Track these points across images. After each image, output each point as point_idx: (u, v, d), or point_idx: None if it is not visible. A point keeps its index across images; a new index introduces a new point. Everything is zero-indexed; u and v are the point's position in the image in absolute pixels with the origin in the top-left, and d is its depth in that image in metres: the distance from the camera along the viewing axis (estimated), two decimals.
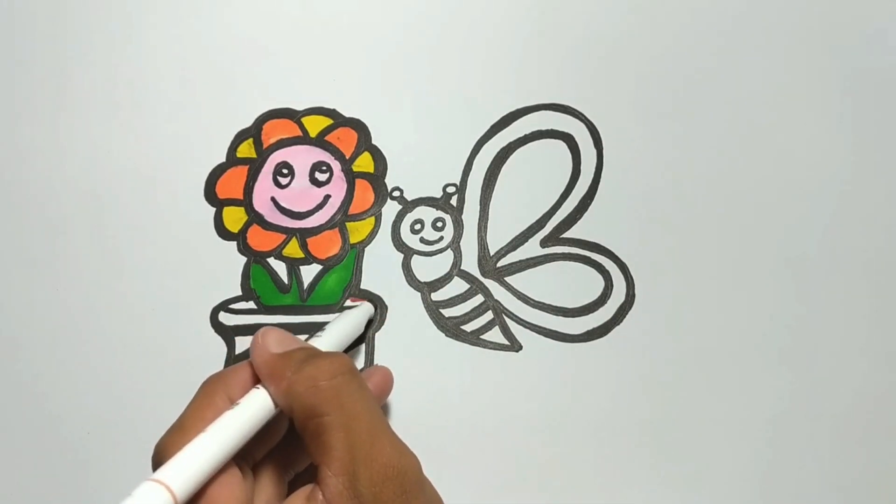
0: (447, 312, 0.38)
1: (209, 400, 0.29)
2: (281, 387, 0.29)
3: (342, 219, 0.40)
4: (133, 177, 0.41)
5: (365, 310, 0.37)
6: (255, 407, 0.29)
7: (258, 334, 0.30)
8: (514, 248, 0.39)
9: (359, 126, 0.41)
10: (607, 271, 0.38)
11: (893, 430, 0.35)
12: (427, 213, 0.39)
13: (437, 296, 0.38)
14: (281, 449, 0.32)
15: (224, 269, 0.39)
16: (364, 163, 0.41)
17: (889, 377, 0.36)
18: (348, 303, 0.38)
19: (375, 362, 0.37)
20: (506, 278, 0.38)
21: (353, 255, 0.39)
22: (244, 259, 0.39)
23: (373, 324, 0.38)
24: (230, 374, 0.30)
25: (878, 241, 0.38)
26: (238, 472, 0.28)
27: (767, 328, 0.37)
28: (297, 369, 0.29)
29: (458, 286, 0.38)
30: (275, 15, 0.44)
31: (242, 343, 0.38)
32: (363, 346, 0.37)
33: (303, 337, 0.32)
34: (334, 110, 0.42)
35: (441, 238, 0.39)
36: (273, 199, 0.40)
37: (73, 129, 0.42)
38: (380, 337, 0.38)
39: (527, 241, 0.39)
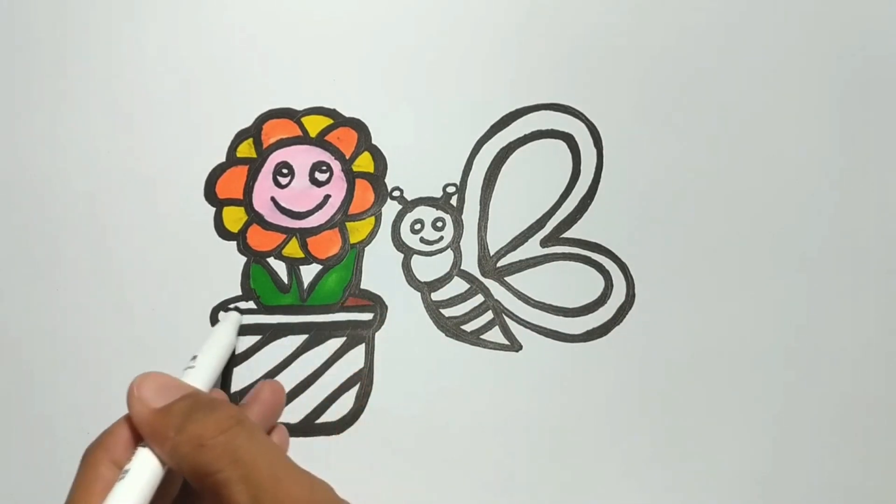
0: (447, 312, 0.38)
1: (94, 473, 0.27)
2: (165, 448, 0.27)
3: (342, 219, 0.40)
4: (133, 177, 0.41)
5: (231, 321, 0.36)
6: (145, 472, 0.27)
7: (133, 385, 0.28)
8: (514, 248, 0.39)
9: (359, 126, 0.41)
10: (607, 271, 0.38)
11: (893, 430, 0.35)
12: (427, 213, 0.39)
13: (437, 296, 0.38)
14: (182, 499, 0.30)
15: (224, 269, 0.39)
16: (364, 163, 0.41)
17: (890, 377, 0.36)
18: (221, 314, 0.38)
19: (375, 362, 0.37)
20: (506, 278, 0.38)
21: (353, 254, 0.39)
22: (244, 259, 0.39)
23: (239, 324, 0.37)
24: (109, 437, 0.28)
25: (878, 241, 0.38)
26: None
27: (767, 328, 0.37)
28: (180, 429, 0.27)
29: (458, 286, 0.38)
30: (275, 15, 0.44)
31: (242, 343, 0.38)
32: (363, 347, 0.37)
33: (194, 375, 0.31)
34: (334, 110, 0.42)
35: (441, 238, 0.39)
36: (273, 199, 0.40)
37: (73, 129, 0.42)
38: (380, 337, 0.38)
39: (527, 241, 0.39)
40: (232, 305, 0.38)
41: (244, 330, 0.38)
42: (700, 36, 0.42)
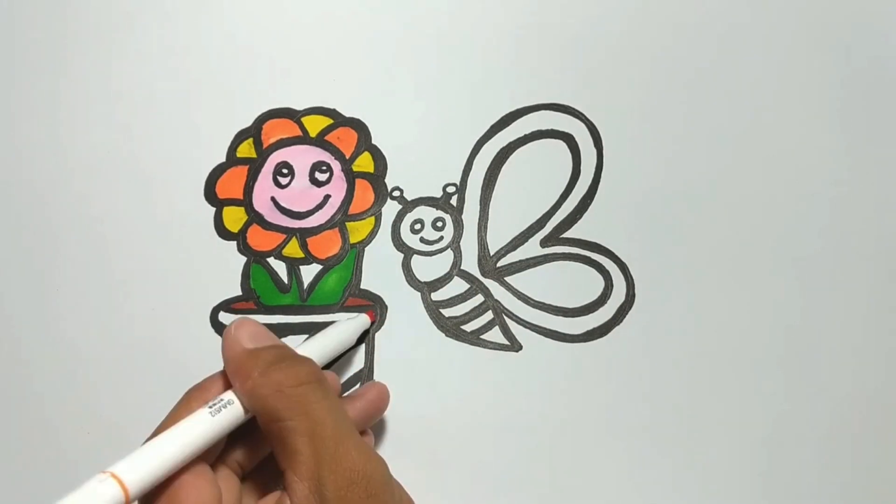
0: (447, 312, 0.38)
1: (186, 408, 0.29)
2: (246, 386, 0.28)
3: (342, 218, 0.40)
4: (133, 177, 0.41)
5: (360, 323, 0.37)
6: (224, 410, 0.29)
7: (231, 325, 0.30)
8: (514, 248, 0.39)
9: (359, 126, 0.41)
10: (607, 271, 0.38)
11: (893, 431, 0.35)
12: (427, 213, 0.39)
13: (437, 296, 0.38)
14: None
15: (224, 268, 0.39)
16: (364, 162, 0.41)
17: (889, 378, 0.36)
18: (345, 314, 0.38)
19: (375, 362, 0.37)
20: (506, 278, 0.38)
21: (353, 254, 0.39)
22: (244, 259, 0.39)
23: (367, 335, 0.37)
24: (209, 381, 0.30)
25: (879, 242, 0.38)
26: (208, 473, 0.28)
27: (768, 328, 0.37)
28: (264, 371, 0.28)
29: (458, 286, 0.38)
30: (275, 15, 0.44)
31: None
32: (363, 347, 0.37)
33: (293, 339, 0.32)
34: (334, 110, 0.42)
35: (441, 238, 0.39)
36: (273, 199, 0.40)
37: (73, 130, 0.42)
38: (380, 337, 0.38)
39: (527, 241, 0.39)
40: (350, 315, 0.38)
41: None
42: (700, 36, 0.42)
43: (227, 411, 0.29)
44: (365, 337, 0.37)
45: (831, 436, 0.35)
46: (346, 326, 0.36)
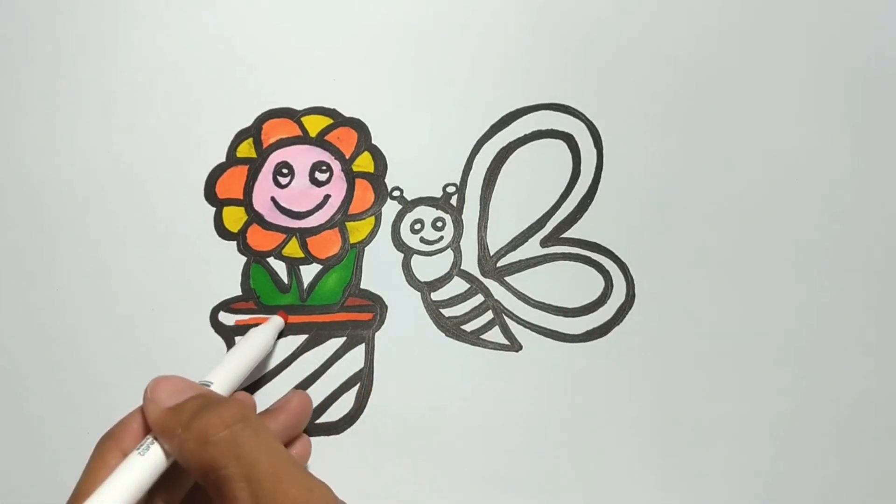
0: (447, 312, 0.38)
1: (102, 461, 0.29)
2: (173, 444, 0.28)
3: (342, 218, 0.40)
4: (133, 177, 0.41)
5: (274, 325, 0.36)
6: (148, 459, 0.28)
7: (148, 387, 0.29)
8: (514, 248, 0.39)
9: (359, 126, 0.41)
10: (607, 271, 0.38)
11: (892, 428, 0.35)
12: (427, 213, 0.39)
13: (437, 295, 0.38)
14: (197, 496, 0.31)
15: (224, 268, 0.39)
16: (364, 162, 0.41)
17: (890, 376, 0.36)
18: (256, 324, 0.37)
19: (375, 362, 0.37)
20: (506, 278, 0.38)
21: (352, 254, 0.39)
22: (244, 259, 0.39)
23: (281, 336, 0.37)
24: (120, 429, 0.30)
25: (879, 241, 0.38)
26: None
27: (768, 328, 0.37)
28: (187, 426, 0.28)
29: (458, 286, 0.38)
30: (275, 15, 0.44)
31: None
32: (363, 347, 0.37)
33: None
34: (334, 110, 0.42)
35: (441, 238, 0.39)
36: (273, 199, 0.40)
37: (73, 129, 0.42)
38: (380, 337, 0.38)
39: (527, 240, 0.39)
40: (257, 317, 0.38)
41: (245, 330, 0.38)
42: (700, 36, 0.42)
43: (155, 448, 0.28)
44: (277, 334, 0.37)
45: (832, 435, 0.35)
46: (260, 332, 0.35)
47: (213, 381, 0.32)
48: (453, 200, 0.40)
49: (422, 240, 0.39)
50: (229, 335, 0.38)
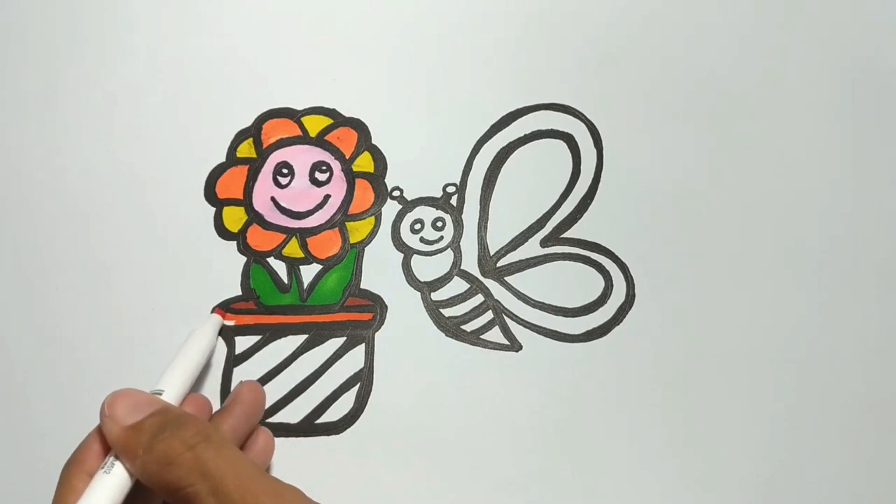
0: (447, 312, 0.38)
1: (69, 487, 0.28)
2: (136, 465, 0.28)
3: (342, 218, 0.40)
4: (133, 177, 0.41)
5: (213, 324, 0.36)
6: (112, 478, 0.28)
7: (105, 403, 0.29)
8: (514, 248, 0.39)
9: (359, 126, 0.41)
10: (607, 271, 0.38)
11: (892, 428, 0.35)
12: (427, 213, 0.39)
13: (437, 295, 0.38)
14: None
15: (224, 268, 0.39)
16: (364, 162, 0.41)
17: (890, 377, 0.36)
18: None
19: (375, 362, 0.37)
20: (506, 278, 0.38)
21: (352, 254, 0.39)
22: (244, 259, 0.39)
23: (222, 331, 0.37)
24: (83, 451, 0.30)
25: (879, 241, 0.38)
26: None
27: (768, 328, 0.37)
28: (148, 447, 0.28)
29: (458, 286, 0.38)
30: (275, 14, 0.44)
31: (242, 343, 0.38)
32: (363, 347, 0.37)
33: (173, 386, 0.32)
34: (334, 110, 0.42)
35: (441, 238, 0.39)
36: (273, 199, 0.40)
37: (73, 129, 0.42)
38: (380, 337, 0.38)
39: (527, 241, 0.39)
40: (219, 305, 0.38)
41: (245, 330, 0.38)
42: (700, 37, 0.42)
43: (119, 465, 0.28)
44: (217, 332, 0.37)
45: (832, 435, 0.35)
46: (200, 333, 0.35)
47: (165, 388, 0.32)
48: (453, 200, 0.40)
49: (422, 240, 0.39)
50: (229, 335, 0.38)
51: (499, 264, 0.39)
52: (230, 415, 0.33)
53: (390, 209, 0.40)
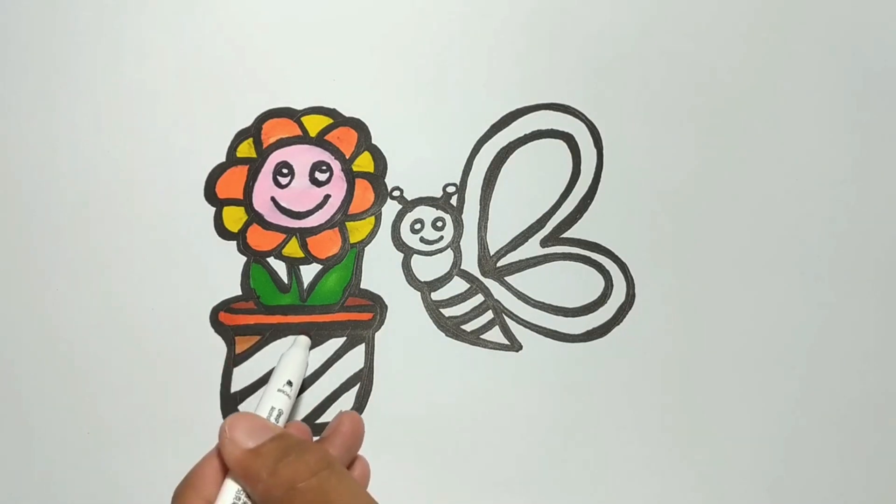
0: (447, 312, 0.38)
1: None
2: (258, 490, 0.28)
3: (342, 218, 0.40)
4: (133, 177, 0.41)
5: (303, 346, 0.35)
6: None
7: (225, 426, 0.29)
8: (514, 248, 0.39)
9: (359, 126, 0.41)
10: (607, 271, 0.38)
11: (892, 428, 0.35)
12: (427, 213, 0.39)
13: (437, 295, 0.38)
14: None
15: (224, 268, 0.39)
16: (364, 162, 0.41)
17: (890, 377, 0.36)
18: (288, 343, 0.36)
19: (375, 362, 0.37)
20: (506, 278, 0.38)
21: (352, 254, 0.39)
22: (244, 259, 0.39)
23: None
24: (197, 476, 0.29)
25: (879, 241, 0.38)
26: None
27: (768, 328, 0.37)
28: (273, 471, 0.27)
29: (458, 286, 0.38)
30: (275, 14, 0.44)
31: (242, 343, 0.38)
32: (363, 347, 0.37)
33: (273, 398, 0.31)
34: (334, 110, 0.42)
35: (441, 238, 0.39)
36: (273, 199, 0.40)
37: (73, 129, 0.42)
38: (380, 337, 0.38)
39: (527, 240, 0.39)
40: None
41: (245, 330, 0.38)
42: (700, 36, 0.42)
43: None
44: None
45: (833, 434, 0.35)
46: (299, 356, 0.34)
47: (285, 404, 0.31)
48: (453, 200, 0.40)
49: (422, 240, 0.39)
50: (229, 335, 0.38)
51: (499, 264, 0.39)
52: (332, 445, 0.32)
53: (390, 209, 0.40)
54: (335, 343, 0.37)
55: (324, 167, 0.40)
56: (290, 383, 0.32)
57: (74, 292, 0.39)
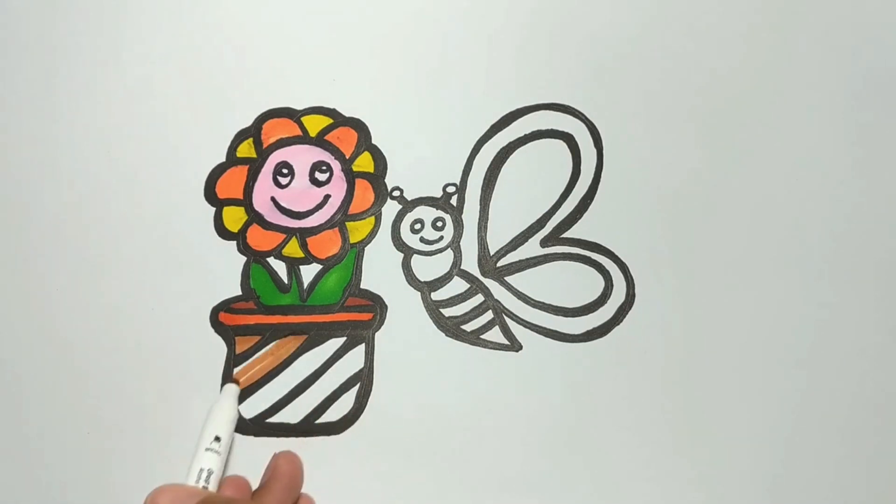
0: (447, 312, 0.38)
1: None
2: None
3: (342, 218, 0.40)
4: (133, 177, 0.41)
5: (231, 394, 0.35)
6: None
7: (147, 499, 0.28)
8: (514, 248, 0.39)
9: (359, 126, 0.41)
10: (607, 271, 0.38)
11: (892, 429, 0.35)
12: (427, 213, 0.39)
13: (437, 295, 0.38)
14: None
15: (224, 268, 0.39)
16: (364, 162, 0.41)
17: (890, 377, 0.36)
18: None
19: (375, 362, 0.37)
20: (506, 278, 0.38)
21: (352, 254, 0.39)
22: (244, 259, 0.39)
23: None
24: None
25: (879, 241, 0.38)
26: None
27: (768, 328, 0.37)
28: None
29: (458, 286, 0.38)
30: (275, 15, 0.44)
31: (242, 343, 0.38)
32: (363, 347, 0.37)
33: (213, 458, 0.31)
34: (334, 110, 0.42)
35: (441, 238, 0.39)
36: (273, 199, 0.40)
37: (72, 129, 0.42)
38: (380, 337, 0.38)
39: (527, 240, 0.39)
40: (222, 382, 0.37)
41: (245, 330, 0.38)
42: (700, 36, 0.42)
43: None
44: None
45: (833, 433, 0.35)
46: (221, 406, 0.34)
47: (215, 464, 0.31)
48: (453, 200, 0.40)
49: (422, 240, 0.39)
50: (229, 335, 0.38)
51: (499, 264, 0.39)
52: (270, 492, 0.31)
53: (390, 209, 0.40)
54: (335, 343, 0.37)
55: (324, 167, 0.40)
56: (217, 439, 0.32)
57: (74, 292, 0.39)
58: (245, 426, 0.36)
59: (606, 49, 0.42)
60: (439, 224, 0.39)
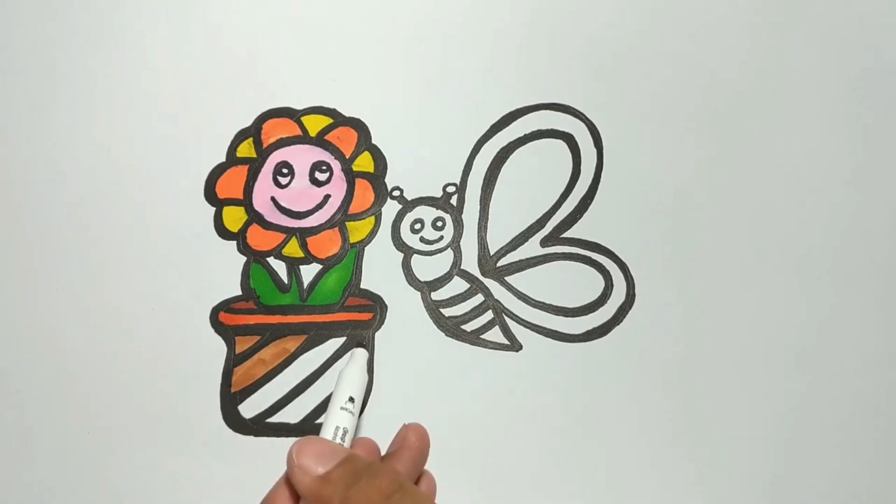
0: (447, 312, 0.38)
1: None
2: None
3: (342, 218, 0.40)
4: (133, 177, 0.41)
5: (360, 360, 0.34)
6: None
7: (292, 452, 0.28)
8: (514, 248, 0.39)
9: (359, 126, 0.41)
10: (607, 271, 0.38)
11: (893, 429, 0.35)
12: (427, 213, 0.39)
13: (437, 295, 0.38)
14: None
15: (224, 268, 0.39)
16: (364, 162, 0.41)
17: (891, 377, 0.36)
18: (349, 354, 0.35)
19: (375, 362, 0.37)
20: (506, 278, 0.38)
21: (352, 254, 0.39)
22: (244, 259, 0.39)
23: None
24: (271, 502, 0.28)
25: (879, 241, 0.38)
26: None
27: (768, 328, 0.37)
28: (345, 498, 0.27)
29: (458, 286, 0.38)
30: (275, 15, 0.44)
31: (242, 343, 0.38)
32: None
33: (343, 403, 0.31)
34: (334, 110, 0.42)
35: (441, 238, 0.39)
36: (273, 199, 0.40)
37: (72, 129, 0.42)
38: (380, 337, 0.38)
39: (527, 240, 0.39)
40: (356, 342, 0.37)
41: (245, 330, 0.38)
42: (701, 36, 0.42)
43: None
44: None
45: (833, 433, 0.35)
46: (356, 370, 0.33)
47: (350, 423, 0.31)
48: (453, 200, 0.40)
49: (422, 240, 0.39)
50: (229, 335, 0.38)
51: (499, 264, 0.39)
52: (399, 461, 0.31)
53: (390, 209, 0.40)
54: (335, 343, 0.37)
55: (324, 167, 0.40)
56: (351, 399, 0.31)
57: (74, 292, 0.39)
58: (245, 426, 0.36)
59: (606, 49, 0.42)
60: (439, 224, 0.39)
